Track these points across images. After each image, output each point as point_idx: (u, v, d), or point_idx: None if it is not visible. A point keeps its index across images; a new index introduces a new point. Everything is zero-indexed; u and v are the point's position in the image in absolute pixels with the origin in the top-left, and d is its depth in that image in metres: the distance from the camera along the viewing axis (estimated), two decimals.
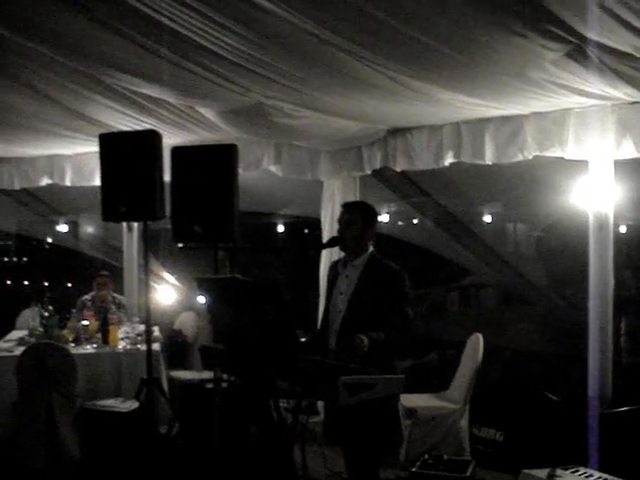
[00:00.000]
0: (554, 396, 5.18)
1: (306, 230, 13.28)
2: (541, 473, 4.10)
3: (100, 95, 4.70)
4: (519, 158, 4.67)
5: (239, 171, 4.76)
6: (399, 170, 5.76)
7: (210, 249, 4.90)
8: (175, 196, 4.82)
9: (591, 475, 4.06)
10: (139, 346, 5.92)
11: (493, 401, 5.60)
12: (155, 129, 4.95)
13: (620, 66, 3.37)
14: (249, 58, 3.59)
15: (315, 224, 6.99)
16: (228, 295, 3.64)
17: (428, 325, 10.59)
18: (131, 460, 4.78)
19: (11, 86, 4.51)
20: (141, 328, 6.18)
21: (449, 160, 5.11)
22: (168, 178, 4.88)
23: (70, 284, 13.24)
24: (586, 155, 4.45)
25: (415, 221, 9.76)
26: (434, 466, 4.77)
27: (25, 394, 5.12)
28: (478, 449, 5.45)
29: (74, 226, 10.47)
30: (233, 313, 3.60)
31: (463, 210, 7.70)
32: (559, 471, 4.09)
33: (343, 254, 4.13)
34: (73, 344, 6.00)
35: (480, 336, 5.65)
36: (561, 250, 9.30)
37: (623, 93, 3.90)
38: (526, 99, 4.18)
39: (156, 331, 6.53)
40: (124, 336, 6.22)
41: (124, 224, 7.72)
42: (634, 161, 4.34)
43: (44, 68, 4.21)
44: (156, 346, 5.96)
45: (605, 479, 4.01)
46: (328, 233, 6.18)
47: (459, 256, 8.80)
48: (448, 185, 6.67)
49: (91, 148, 6.12)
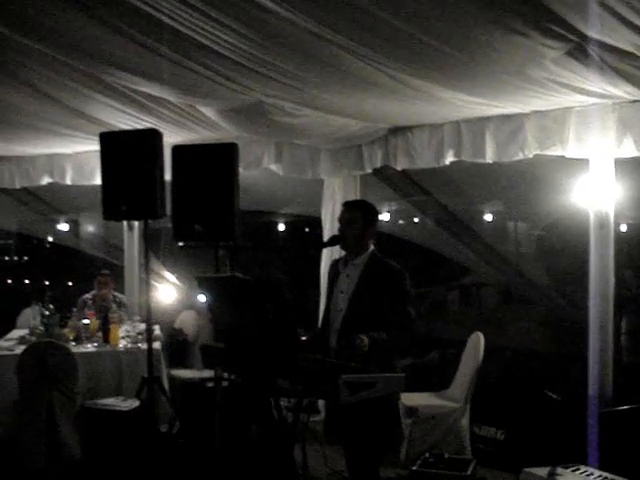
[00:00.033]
0: (555, 395, 5.17)
1: (307, 229, 13.28)
2: (542, 472, 4.11)
3: (100, 94, 4.70)
4: (520, 157, 4.67)
5: (240, 170, 4.78)
6: (400, 169, 5.76)
7: (211, 248, 4.91)
8: (176, 195, 4.82)
9: (591, 474, 4.07)
10: (140, 345, 5.92)
11: (494, 400, 5.60)
12: (156, 128, 4.95)
13: (621, 64, 3.36)
14: (250, 57, 3.59)
15: (316, 223, 6.99)
16: (229, 294, 3.64)
17: (429, 324, 10.59)
18: (132, 459, 4.78)
19: (11, 84, 4.50)
20: (142, 327, 6.17)
21: (450, 159, 5.11)
22: (169, 177, 4.89)
23: (71, 283, 13.25)
24: (587, 154, 4.45)
25: (416, 220, 9.74)
26: (435, 465, 4.78)
27: (26, 393, 5.11)
28: (479, 448, 5.45)
29: (75, 225, 10.46)
30: (234, 312, 3.60)
31: (464, 209, 7.69)
32: (560, 470, 4.09)
33: (344, 253, 4.12)
34: (74, 343, 5.99)
35: (481, 335, 5.65)
36: (562, 249, 9.28)
37: (624, 92, 3.90)
38: (527, 98, 4.18)
39: (157, 330, 6.54)
40: (125, 335, 6.23)
41: (125, 223, 7.72)
42: (635, 160, 4.33)
43: (44, 66, 4.20)
44: (157, 345, 5.96)
45: (605, 477, 4.02)
46: (329, 232, 6.17)
47: (460, 255, 8.80)
48: (449, 184, 6.67)
49: (91, 147, 6.11)
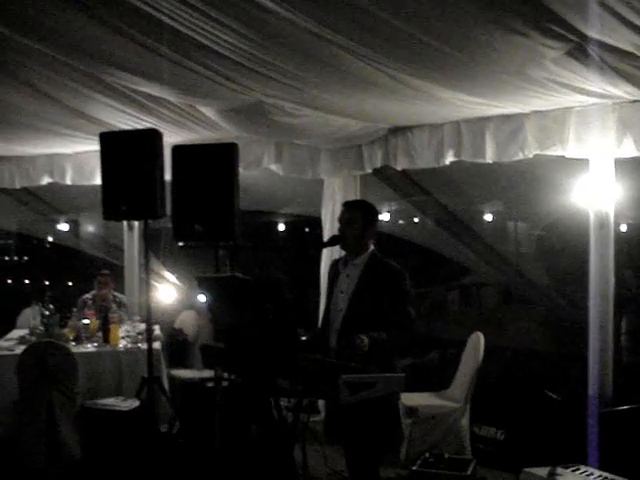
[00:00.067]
0: (555, 395, 5.17)
1: (307, 229, 13.28)
2: (542, 472, 4.11)
3: (100, 94, 4.70)
4: (520, 157, 4.67)
5: (240, 170, 4.78)
6: (400, 169, 5.76)
7: (211, 248, 4.91)
8: (176, 195, 4.82)
9: (591, 474, 4.06)
10: (140, 345, 5.92)
11: (494, 400, 5.60)
12: (156, 128, 4.94)
13: (621, 64, 3.36)
14: (250, 57, 3.59)
15: (316, 223, 6.99)
16: (229, 294, 3.64)
17: (429, 324, 10.59)
18: (132, 459, 4.78)
19: (11, 84, 4.50)
20: (142, 327, 6.17)
21: (450, 159, 5.11)
22: (169, 177, 4.89)
23: (71, 283, 13.25)
24: (587, 154, 4.45)
25: (416, 220, 9.74)
26: (435, 465, 4.78)
27: (26, 393, 5.11)
28: (479, 448, 5.45)
29: (75, 225, 10.46)
30: (234, 312, 3.60)
31: (464, 209, 7.69)
32: (560, 470, 4.09)
33: (344, 253, 4.12)
34: (74, 343, 5.99)
35: (481, 335, 5.65)
36: (562, 249, 9.28)
37: (624, 92, 3.90)
38: (527, 98, 4.18)
39: (157, 330, 6.54)
40: (125, 335, 6.23)
41: (125, 223, 7.72)
42: (635, 160, 4.33)
43: (44, 66, 4.20)
44: (157, 345, 5.95)
45: (605, 477, 4.02)
46: (329, 232, 6.17)
47: (460, 255, 8.79)
48: (449, 184, 6.67)
49: (91, 147, 6.11)
